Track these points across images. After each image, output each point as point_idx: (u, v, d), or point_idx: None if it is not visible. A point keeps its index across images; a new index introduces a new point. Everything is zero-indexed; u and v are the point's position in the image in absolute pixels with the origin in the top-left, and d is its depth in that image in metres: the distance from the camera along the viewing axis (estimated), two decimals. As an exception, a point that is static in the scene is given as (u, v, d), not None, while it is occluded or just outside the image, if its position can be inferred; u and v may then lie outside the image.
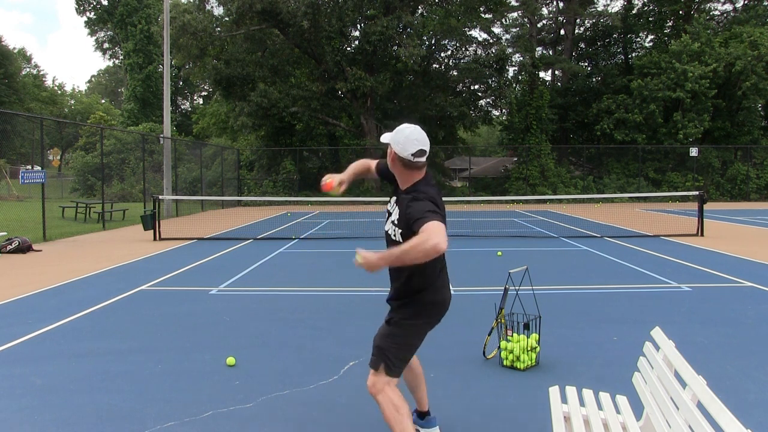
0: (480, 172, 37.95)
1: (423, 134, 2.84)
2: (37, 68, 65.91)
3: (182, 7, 29.33)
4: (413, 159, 2.79)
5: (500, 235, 14.03)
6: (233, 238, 13.72)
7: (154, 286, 8.05)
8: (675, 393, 2.25)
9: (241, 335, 5.62)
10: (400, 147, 2.80)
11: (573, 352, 5.02)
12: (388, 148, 2.89)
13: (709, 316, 6.24)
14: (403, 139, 2.80)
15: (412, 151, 2.78)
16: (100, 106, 54.25)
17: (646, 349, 2.80)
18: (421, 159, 2.81)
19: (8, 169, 35.17)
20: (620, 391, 3.31)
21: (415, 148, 2.78)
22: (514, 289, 4.99)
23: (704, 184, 29.91)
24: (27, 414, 3.79)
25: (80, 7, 47.72)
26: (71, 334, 5.68)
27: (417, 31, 29.42)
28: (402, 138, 2.81)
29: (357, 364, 4.71)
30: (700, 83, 29.02)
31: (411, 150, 2.78)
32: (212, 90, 40.13)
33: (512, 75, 34.44)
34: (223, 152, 29.99)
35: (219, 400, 4.00)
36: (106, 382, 4.35)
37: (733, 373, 4.46)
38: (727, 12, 36.64)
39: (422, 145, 2.80)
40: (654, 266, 9.36)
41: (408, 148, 2.78)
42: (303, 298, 7.33)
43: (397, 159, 2.83)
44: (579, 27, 38.21)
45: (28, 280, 8.55)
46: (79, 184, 33.25)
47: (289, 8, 26.77)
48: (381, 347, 2.91)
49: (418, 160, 2.80)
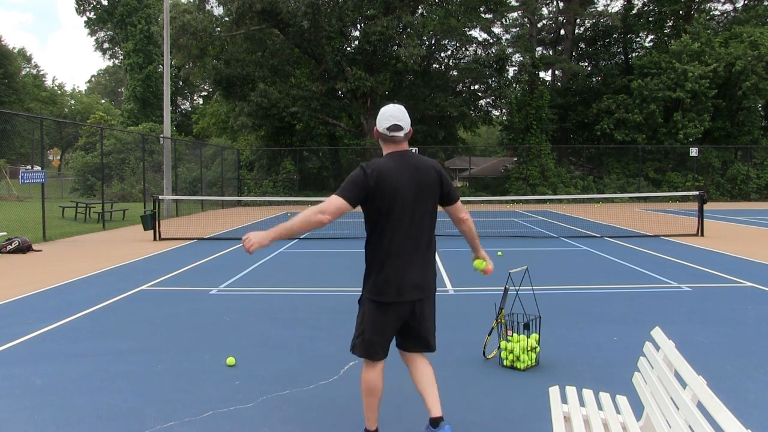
0: (480, 172, 37.94)
1: (400, 111, 3.08)
2: (37, 68, 66.02)
3: (182, 7, 29.33)
4: (389, 133, 3.05)
5: (500, 235, 14.03)
6: (233, 238, 13.72)
7: (154, 286, 8.05)
8: (675, 393, 2.25)
9: (241, 335, 5.62)
10: (378, 122, 3.10)
11: (573, 352, 5.02)
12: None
13: (709, 316, 6.24)
14: (380, 115, 3.09)
15: (387, 125, 3.04)
16: (100, 106, 54.24)
17: (646, 349, 2.80)
18: (397, 133, 3.05)
19: (8, 169, 35.18)
20: (620, 391, 3.31)
21: (389, 122, 3.04)
22: (514, 289, 4.99)
23: (704, 184, 29.91)
24: (27, 414, 3.79)
25: (80, 7, 47.70)
26: (71, 334, 5.68)
27: (417, 31, 29.41)
28: (380, 115, 3.10)
29: (357, 364, 4.71)
30: (700, 83, 29.02)
31: (385, 124, 3.05)
32: (212, 90, 40.10)
33: (512, 75, 34.46)
34: (223, 152, 29.99)
35: (219, 400, 3.99)
36: (106, 382, 4.35)
37: (733, 373, 4.46)
38: (727, 12, 36.66)
39: (396, 120, 3.04)
40: (654, 266, 9.36)
41: (383, 123, 3.06)
42: (303, 298, 7.33)
43: (378, 134, 3.12)
44: (579, 27, 38.21)
45: (28, 280, 8.55)
46: (79, 184, 33.25)
47: (289, 8, 26.77)
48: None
49: (394, 134, 3.05)
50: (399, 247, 3.00)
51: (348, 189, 2.96)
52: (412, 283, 3.02)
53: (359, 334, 3.11)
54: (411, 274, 3.03)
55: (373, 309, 3.04)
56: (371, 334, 3.06)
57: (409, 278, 3.02)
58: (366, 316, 3.07)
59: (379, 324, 3.04)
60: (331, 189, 31.23)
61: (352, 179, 2.99)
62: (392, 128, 3.05)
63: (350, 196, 2.96)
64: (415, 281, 3.03)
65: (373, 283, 3.03)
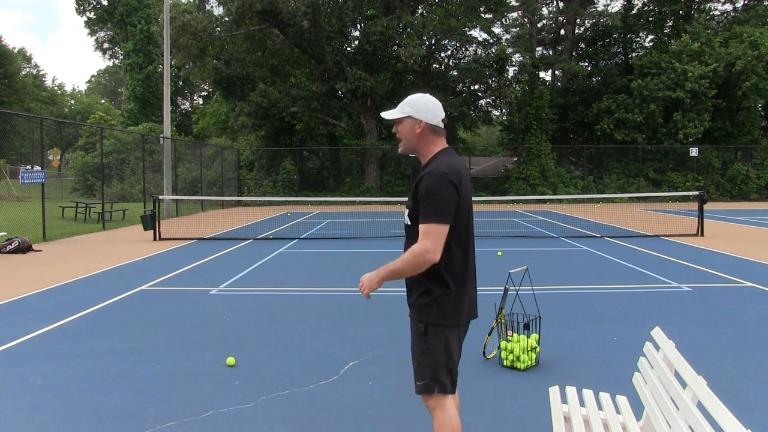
0: (480, 172, 37.93)
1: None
2: (37, 68, 65.95)
3: (182, 7, 29.32)
4: (443, 126, 2.66)
5: (500, 235, 14.03)
6: (233, 238, 13.72)
7: (154, 286, 8.05)
8: (675, 393, 2.25)
9: (241, 335, 5.62)
10: (431, 114, 2.62)
11: (573, 352, 5.02)
12: (399, 126, 2.68)
13: (709, 316, 6.24)
14: (433, 105, 2.63)
15: (442, 116, 2.64)
16: (100, 106, 54.21)
17: (646, 349, 2.80)
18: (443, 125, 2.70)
19: (8, 169, 35.17)
20: (620, 391, 3.31)
21: (443, 112, 2.65)
22: (514, 289, 4.99)
23: (704, 184, 29.91)
24: (27, 414, 3.79)
25: (80, 7, 47.74)
26: (71, 334, 5.68)
27: (417, 31, 29.43)
28: (431, 105, 2.63)
29: (357, 364, 4.71)
30: (700, 83, 29.02)
31: (441, 115, 2.63)
32: (212, 90, 40.11)
33: (512, 75, 34.46)
34: (223, 152, 29.99)
35: (219, 400, 3.99)
36: (106, 382, 4.35)
37: (733, 373, 4.46)
38: (727, 12, 36.65)
39: (443, 111, 2.69)
40: (654, 266, 9.36)
41: (438, 114, 2.63)
42: (303, 298, 7.33)
43: (427, 129, 2.62)
44: (579, 27, 38.21)
45: (28, 280, 8.55)
46: (79, 184, 33.25)
47: (289, 8, 26.78)
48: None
49: (444, 124, 2.69)
50: (471, 263, 2.66)
51: (447, 211, 2.46)
52: (475, 298, 2.72)
53: (440, 368, 2.57)
54: (475, 289, 2.73)
55: (452, 335, 2.60)
56: (454, 364, 2.62)
57: (475, 293, 2.72)
58: (444, 345, 2.58)
59: (457, 350, 2.64)
60: (331, 189, 31.43)
61: (448, 196, 2.47)
62: (444, 118, 2.65)
63: (449, 218, 2.46)
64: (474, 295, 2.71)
65: (452, 306, 2.57)
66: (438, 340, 2.56)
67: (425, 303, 2.57)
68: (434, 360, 2.56)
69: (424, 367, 2.58)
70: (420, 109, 2.62)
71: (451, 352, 2.58)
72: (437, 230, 2.41)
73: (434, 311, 2.55)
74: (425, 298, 2.56)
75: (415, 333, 2.63)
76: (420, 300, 2.58)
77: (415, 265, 2.45)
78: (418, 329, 2.60)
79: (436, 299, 2.54)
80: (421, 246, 2.41)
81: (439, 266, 2.50)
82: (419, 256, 2.41)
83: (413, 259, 2.43)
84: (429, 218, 2.42)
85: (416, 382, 2.62)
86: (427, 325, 2.57)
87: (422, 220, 2.44)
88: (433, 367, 2.56)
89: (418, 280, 2.58)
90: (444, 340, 2.56)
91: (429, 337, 2.57)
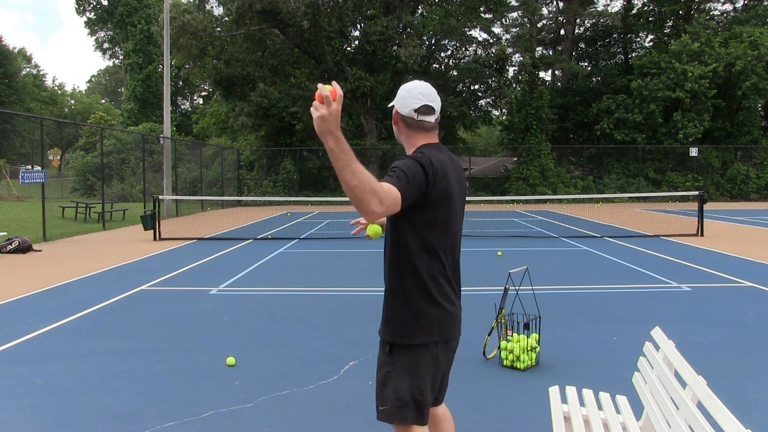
0: (480, 172, 37.93)
1: (431, 89, 2.25)
2: (37, 68, 65.87)
3: (182, 7, 29.34)
4: (417, 117, 2.20)
5: (500, 235, 14.03)
6: (233, 238, 13.72)
7: (154, 286, 8.05)
8: (675, 393, 2.25)
9: (241, 335, 5.62)
10: (400, 103, 2.24)
11: (573, 352, 5.02)
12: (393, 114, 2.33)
13: (709, 316, 6.24)
14: (405, 93, 2.23)
15: (415, 107, 2.20)
16: (100, 106, 54.19)
17: (646, 349, 2.80)
18: (428, 118, 2.22)
19: (8, 169, 35.16)
20: (620, 391, 3.31)
21: (418, 103, 2.20)
22: (514, 289, 4.99)
23: (704, 184, 29.90)
24: (27, 414, 3.79)
25: (80, 7, 47.72)
26: (71, 334, 5.68)
27: (417, 31, 29.42)
28: (404, 92, 2.24)
29: (357, 364, 4.71)
30: (700, 83, 29.02)
31: (413, 105, 2.20)
32: (212, 90, 40.11)
33: (512, 75, 34.50)
34: (223, 152, 29.99)
35: (219, 400, 3.99)
36: (106, 382, 4.35)
37: (733, 373, 4.46)
38: (727, 12, 36.65)
39: (429, 101, 2.21)
40: (654, 266, 9.36)
41: (410, 104, 2.21)
42: (303, 298, 7.33)
43: (399, 119, 2.26)
44: (579, 27, 38.21)
45: (28, 280, 8.55)
46: (79, 184, 33.24)
47: (289, 8, 26.79)
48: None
49: (423, 118, 2.21)
50: (455, 269, 2.34)
51: (406, 184, 1.97)
52: (460, 311, 2.38)
53: (406, 395, 2.18)
54: (459, 300, 2.37)
55: (429, 356, 2.20)
56: (427, 392, 2.21)
57: (460, 306, 2.37)
58: (417, 367, 2.19)
59: (435, 374, 2.24)
60: (332, 189, 31.42)
61: (412, 173, 2.01)
62: (423, 110, 2.20)
63: (407, 195, 1.98)
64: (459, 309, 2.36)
65: (432, 320, 2.19)
66: (409, 361, 2.20)
67: (399, 317, 2.21)
68: (398, 387, 2.19)
69: (391, 394, 2.21)
70: (397, 97, 2.27)
71: (427, 376, 2.21)
72: (391, 190, 1.91)
73: (406, 327, 2.19)
74: (405, 310, 2.20)
75: (382, 351, 2.28)
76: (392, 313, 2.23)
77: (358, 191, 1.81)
78: (383, 348, 2.26)
79: (414, 311, 2.19)
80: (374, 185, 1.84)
81: (405, 271, 2.18)
82: (371, 189, 1.82)
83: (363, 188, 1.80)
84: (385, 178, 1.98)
85: (378, 407, 2.26)
86: (391, 344, 2.22)
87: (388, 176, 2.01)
88: (398, 394, 2.19)
89: (392, 288, 2.22)
90: (421, 361, 2.20)
91: (394, 356, 2.21)
